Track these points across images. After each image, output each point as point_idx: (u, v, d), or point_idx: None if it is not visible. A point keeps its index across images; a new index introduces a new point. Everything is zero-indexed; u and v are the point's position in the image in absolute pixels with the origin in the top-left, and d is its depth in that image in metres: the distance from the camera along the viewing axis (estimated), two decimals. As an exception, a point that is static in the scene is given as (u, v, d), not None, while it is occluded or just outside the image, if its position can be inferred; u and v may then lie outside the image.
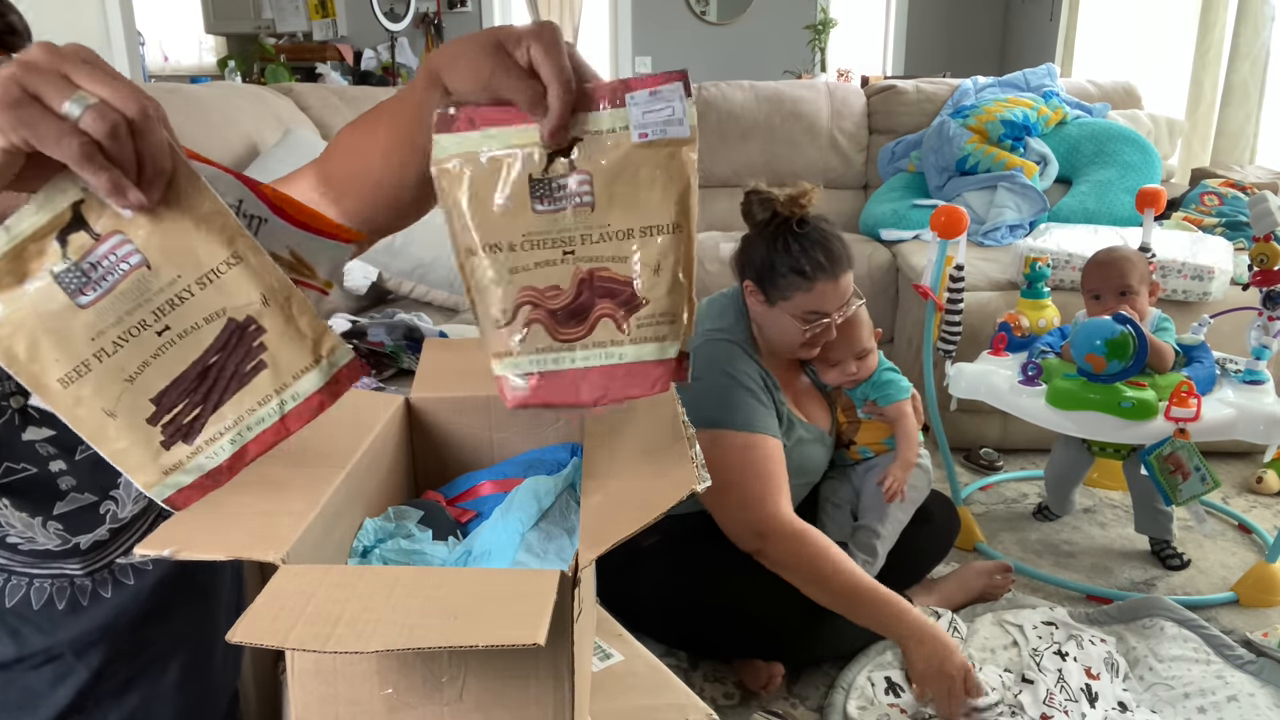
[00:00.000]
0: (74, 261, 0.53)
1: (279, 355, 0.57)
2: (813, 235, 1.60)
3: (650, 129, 0.60)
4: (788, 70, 5.69)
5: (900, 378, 1.84)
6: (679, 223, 0.62)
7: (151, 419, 0.56)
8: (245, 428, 0.57)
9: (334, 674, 0.61)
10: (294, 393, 0.58)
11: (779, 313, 1.64)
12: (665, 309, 0.62)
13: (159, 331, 0.55)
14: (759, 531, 1.56)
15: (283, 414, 0.58)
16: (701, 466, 0.63)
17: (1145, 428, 1.76)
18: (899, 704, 1.58)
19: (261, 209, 0.61)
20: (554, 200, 0.59)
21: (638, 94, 0.59)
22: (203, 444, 0.57)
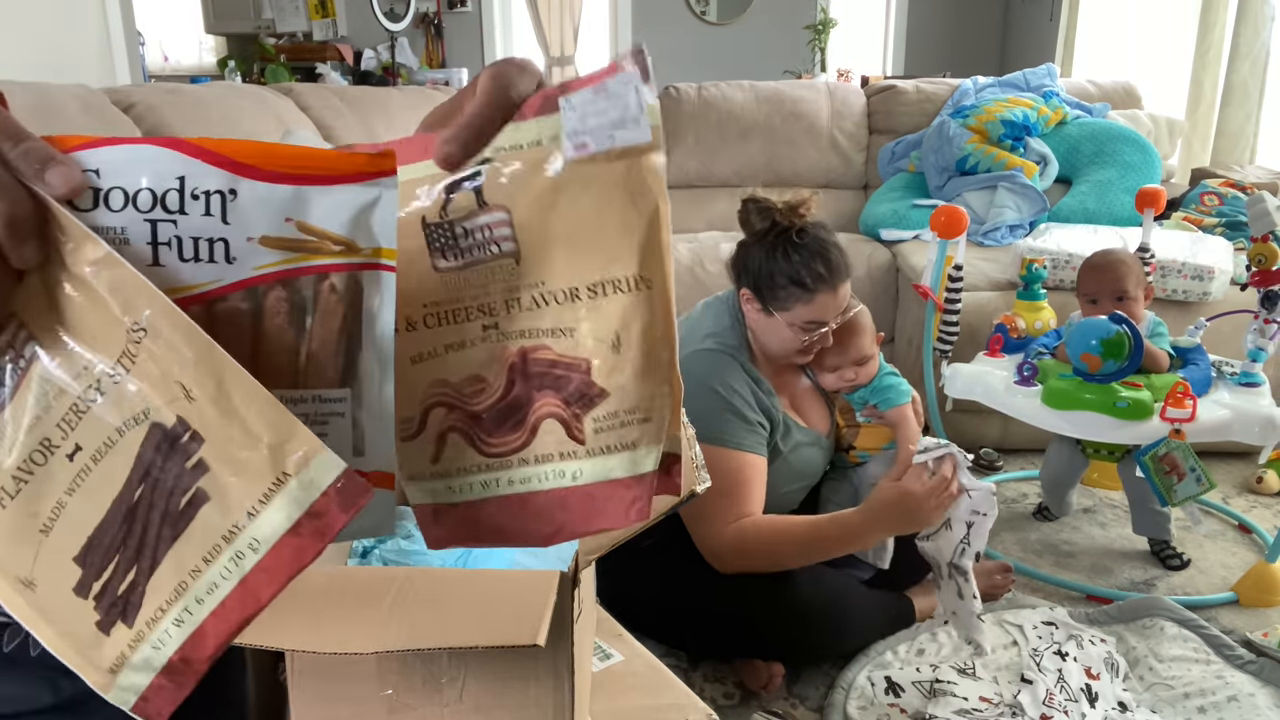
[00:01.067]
0: None
1: (223, 478, 0.37)
2: (812, 245, 1.59)
3: (592, 137, 0.41)
4: (788, 70, 5.69)
5: (901, 381, 1.83)
6: (645, 274, 0.42)
7: (79, 588, 0.38)
8: (194, 599, 0.37)
9: (334, 675, 0.61)
10: (252, 539, 0.37)
11: (776, 322, 1.63)
12: (635, 402, 0.43)
13: (69, 454, 0.38)
14: (715, 554, 1.60)
15: (243, 574, 0.37)
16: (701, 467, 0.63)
17: (1141, 428, 1.76)
18: (899, 704, 1.58)
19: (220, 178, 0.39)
20: (459, 252, 0.42)
21: (575, 95, 0.42)
22: (143, 626, 0.38)
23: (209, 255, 0.39)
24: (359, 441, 0.40)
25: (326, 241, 0.40)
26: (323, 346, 0.40)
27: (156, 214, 0.38)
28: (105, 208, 0.38)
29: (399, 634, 0.51)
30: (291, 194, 0.39)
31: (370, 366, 0.41)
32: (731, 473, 1.59)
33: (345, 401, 0.40)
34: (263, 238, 0.39)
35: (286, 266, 0.39)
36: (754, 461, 1.61)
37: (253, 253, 0.39)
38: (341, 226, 0.40)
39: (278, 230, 0.39)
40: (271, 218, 0.39)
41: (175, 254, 0.38)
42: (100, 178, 0.38)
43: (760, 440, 1.64)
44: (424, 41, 6.35)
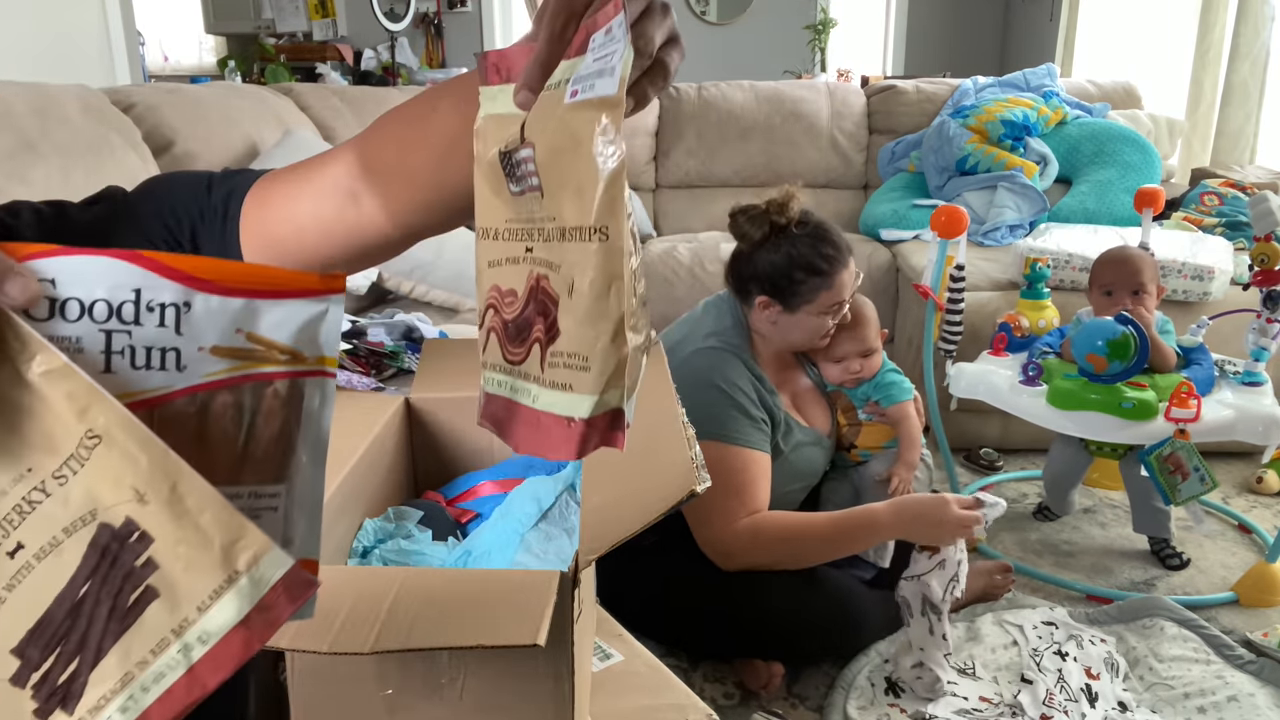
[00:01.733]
0: None
1: (174, 575, 0.38)
2: (814, 231, 1.62)
3: (582, 84, 0.44)
4: (788, 70, 5.69)
5: (903, 379, 1.84)
6: (601, 224, 0.44)
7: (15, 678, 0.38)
8: (140, 687, 0.38)
9: (334, 674, 0.61)
10: (201, 632, 0.38)
11: (800, 316, 1.64)
12: (575, 347, 0.45)
13: (10, 552, 0.38)
14: (724, 552, 1.60)
15: (190, 664, 0.38)
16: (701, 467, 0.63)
17: (1145, 428, 1.76)
18: (899, 704, 1.58)
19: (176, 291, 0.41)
20: (517, 180, 0.46)
21: (598, 35, 0.44)
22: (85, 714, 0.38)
23: (160, 364, 0.41)
24: (289, 532, 0.42)
25: (274, 351, 0.42)
26: (262, 446, 0.42)
27: (112, 324, 0.40)
28: (61, 318, 0.39)
29: (399, 634, 0.51)
30: (243, 306, 0.42)
31: (304, 463, 0.43)
32: (737, 470, 1.59)
33: (279, 496, 0.42)
34: (214, 348, 0.41)
35: (234, 374, 0.42)
36: (759, 458, 1.62)
37: (203, 361, 0.41)
38: (289, 337, 0.42)
39: (228, 340, 0.42)
40: (223, 329, 0.42)
41: (128, 362, 0.40)
42: (56, 287, 0.39)
43: (764, 437, 1.64)
44: (424, 41, 6.35)
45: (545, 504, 0.84)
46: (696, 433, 1.56)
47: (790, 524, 1.60)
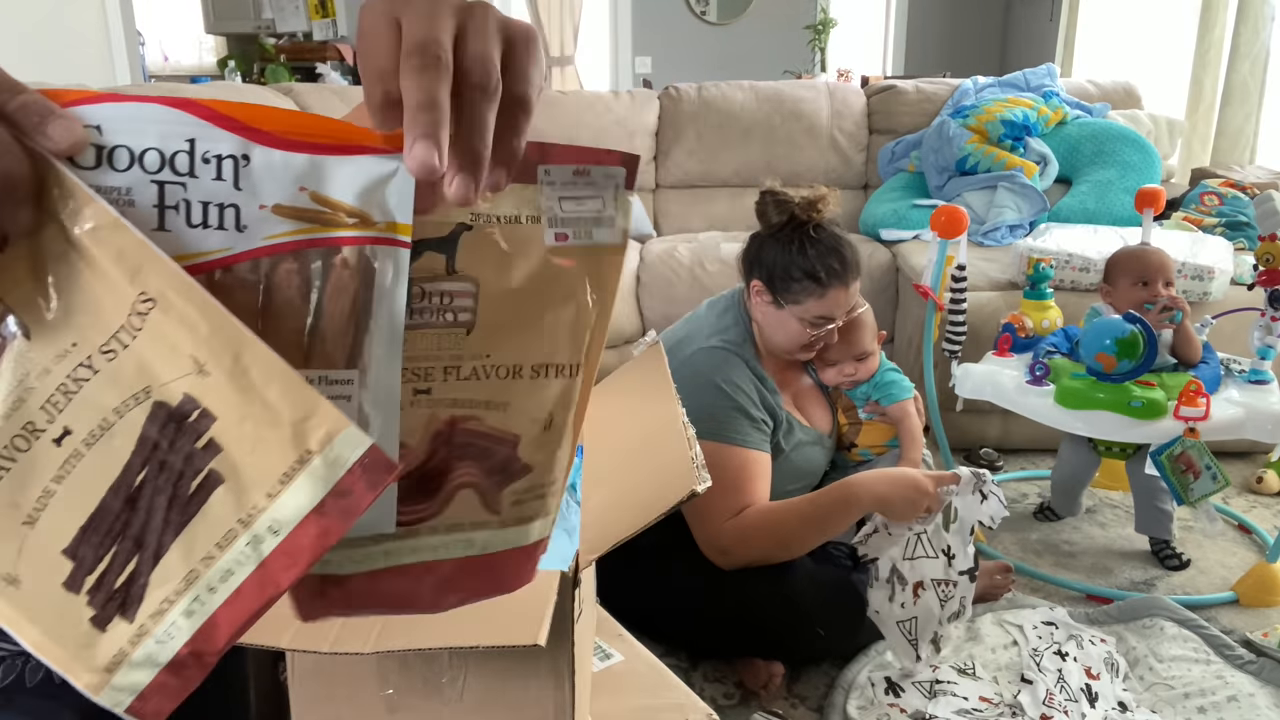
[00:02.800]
0: None
1: (239, 458, 0.34)
2: (828, 241, 1.61)
3: (571, 229, 0.41)
4: (788, 70, 5.69)
5: (902, 378, 1.84)
6: (583, 361, 0.43)
7: (70, 583, 0.35)
8: (206, 588, 0.35)
9: (334, 674, 0.61)
10: (272, 521, 0.34)
11: (786, 315, 1.64)
12: (551, 476, 0.44)
13: (56, 439, 0.34)
14: (720, 549, 1.60)
15: (261, 559, 0.34)
16: (701, 467, 0.63)
17: (1155, 427, 1.76)
18: (899, 704, 1.58)
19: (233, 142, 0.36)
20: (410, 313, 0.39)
21: (555, 169, 0.40)
22: (147, 620, 0.35)
23: (219, 222, 0.36)
24: (364, 428, 0.37)
25: (340, 213, 0.37)
26: (331, 324, 0.37)
27: (165, 175, 0.35)
28: (109, 166, 0.35)
29: (400, 634, 0.52)
30: (306, 162, 0.37)
31: (378, 348, 0.38)
32: (735, 469, 1.59)
33: (352, 384, 0.38)
34: (276, 206, 0.36)
35: (299, 237, 0.37)
36: (758, 458, 1.62)
37: (265, 221, 0.36)
38: (356, 198, 0.37)
39: (291, 199, 0.37)
40: (285, 186, 0.37)
41: (183, 218, 0.36)
42: (102, 134, 0.35)
43: (764, 437, 1.64)
44: (424, 41, 6.35)
45: (545, 504, 0.84)
46: (696, 432, 1.57)
47: (771, 510, 1.60)
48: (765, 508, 1.60)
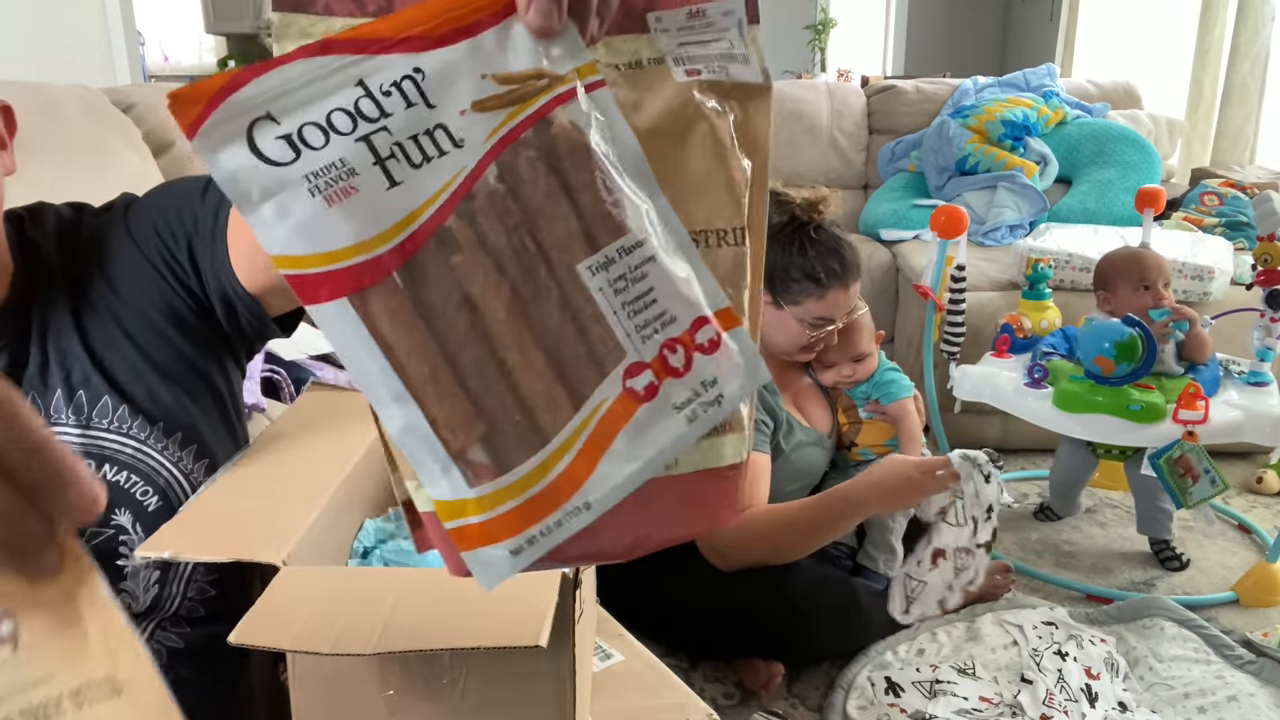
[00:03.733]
0: None
1: None
2: (829, 242, 1.61)
3: (703, 65, 0.37)
4: (788, 70, 5.68)
5: (902, 377, 1.84)
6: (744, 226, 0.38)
7: None
8: None
9: (335, 675, 0.61)
10: None
11: (785, 315, 1.64)
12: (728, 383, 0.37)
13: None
14: (717, 550, 1.60)
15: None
16: (702, 467, 0.63)
17: (1153, 430, 1.76)
18: (899, 704, 1.58)
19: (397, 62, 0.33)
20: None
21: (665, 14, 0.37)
22: None
23: (437, 149, 0.33)
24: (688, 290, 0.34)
25: (530, 81, 0.34)
26: (588, 193, 0.34)
27: (363, 129, 0.32)
28: (309, 148, 0.32)
29: (401, 635, 0.51)
30: (469, 49, 0.34)
31: (641, 195, 0.35)
32: None
33: (645, 244, 0.34)
34: (474, 104, 0.33)
35: (513, 123, 0.34)
36: (757, 459, 1.61)
37: (475, 125, 0.33)
38: (532, 61, 0.34)
39: (481, 91, 0.34)
40: (469, 81, 0.34)
41: (406, 164, 0.33)
42: (279, 120, 0.32)
43: (764, 438, 1.64)
44: (424, 41, 6.35)
45: (546, 504, 0.84)
46: None
47: (771, 512, 1.59)
48: (765, 512, 1.59)
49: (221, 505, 0.66)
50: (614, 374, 0.33)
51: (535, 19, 0.33)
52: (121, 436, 0.78)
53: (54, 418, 0.77)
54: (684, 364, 0.33)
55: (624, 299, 0.33)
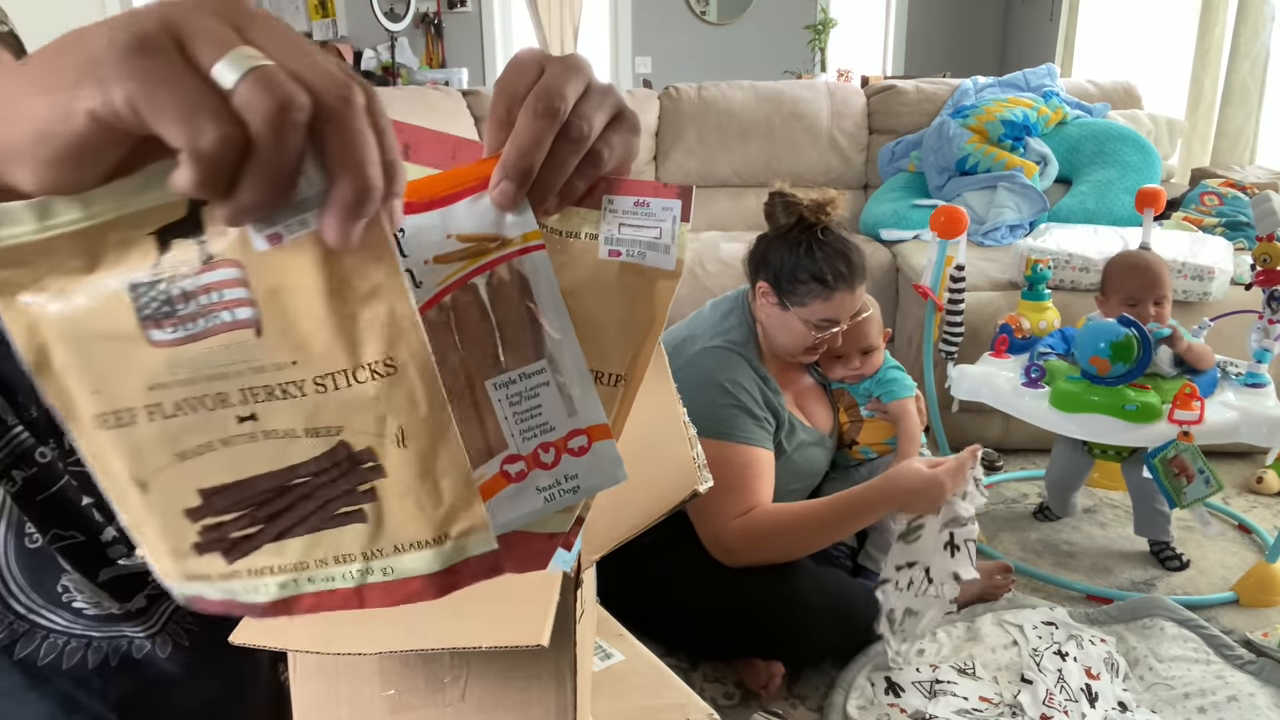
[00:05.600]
0: (164, 278, 0.35)
1: (389, 513, 0.39)
2: (836, 244, 1.61)
3: (625, 248, 0.46)
4: (788, 70, 5.69)
5: (904, 376, 1.84)
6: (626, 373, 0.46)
7: (192, 514, 0.38)
8: (306, 578, 0.39)
9: (336, 675, 0.61)
10: (388, 566, 0.39)
11: (791, 317, 1.64)
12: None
13: (241, 418, 0.37)
14: (725, 548, 1.60)
15: (361, 584, 0.39)
16: (703, 467, 0.63)
17: (1149, 430, 1.76)
18: (899, 704, 1.58)
19: None
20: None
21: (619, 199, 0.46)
22: (243, 570, 0.39)
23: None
24: (569, 404, 0.44)
25: (484, 242, 0.43)
26: (511, 329, 0.43)
27: None
28: None
29: (402, 635, 0.51)
30: (441, 216, 0.43)
31: (554, 335, 0.44)
32: (740, 467, 1.59)
33: (545, 371, 0.44)
34: (436, 257, 0.43)
35: (462, 273, 0.43)
36: (763, 456, 1.62)
37: (433, 273, 0.43)
38: (490, 227, 0.43)
39: (444, 247, 0.43)
40: (437, 239, 0.43)
41: None
42: None
43: (768, 435, 1.64)
44: (424, 41, 6.35)
45: (546, 504, 0.84)
46: (699, 431, 1.57)
47: (785, 512, 1.60)
48: (774, 511, 1.60)
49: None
50: (496, 459, 0.43)
51: (499, 198, 0.42)
52: None
53: None
54: (553, 460, 0.43)
55: (516, 409, 0.43)
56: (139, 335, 0.36)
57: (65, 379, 0.37)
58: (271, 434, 0.37)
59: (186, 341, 0.36)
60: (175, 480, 0.38)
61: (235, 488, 0.38)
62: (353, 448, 0.38)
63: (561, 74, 0.42)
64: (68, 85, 0.30)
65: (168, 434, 0.37)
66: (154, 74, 0.29)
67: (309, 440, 0.37)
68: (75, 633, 0.78)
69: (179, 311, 0.36)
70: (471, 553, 0.39)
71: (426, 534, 0.39)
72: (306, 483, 0.38)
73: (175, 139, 0.30)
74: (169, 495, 0.38)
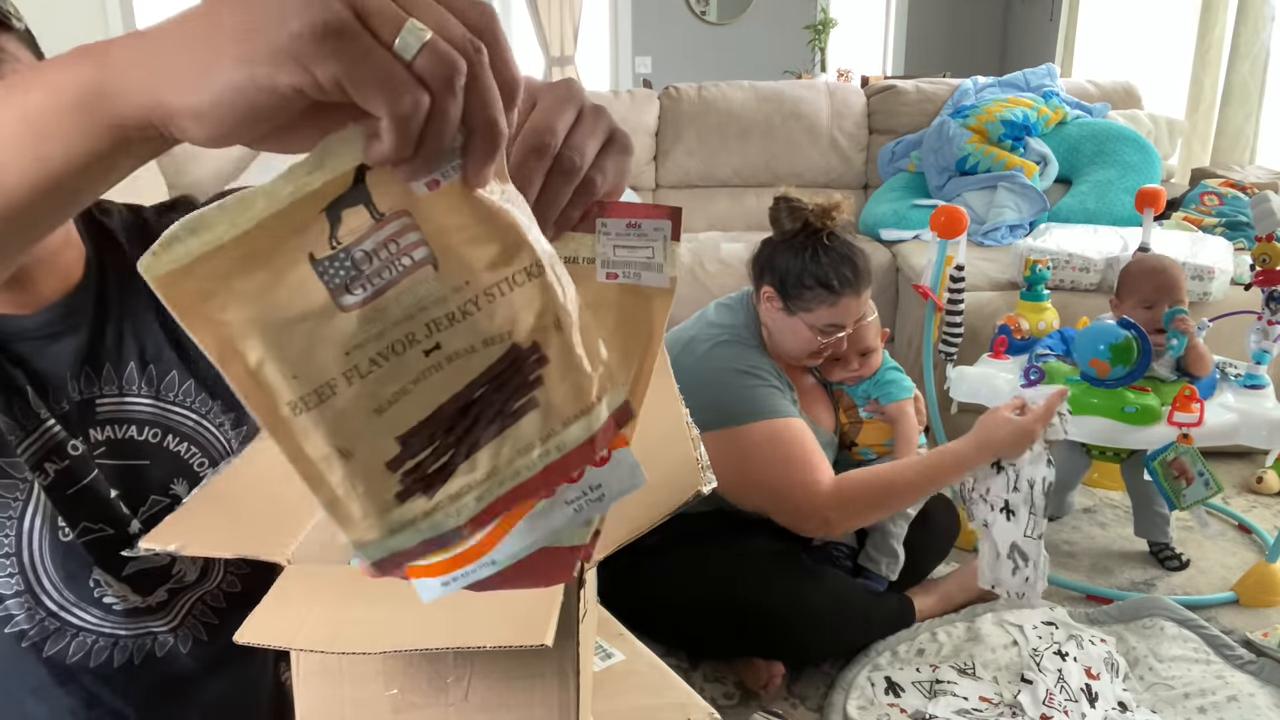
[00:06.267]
0: (344, 246, 0.39)
1: (554, 394, 0.42)
2: (841, 249, 1.61)
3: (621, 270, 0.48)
4: (788, 70, 5.69)
5: (903, 377, 1.84)
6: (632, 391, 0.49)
7: (393, 463, 0.41)
8: (498, 481, 0.42)
9: (340, 674, 0.61)
10: (560, 442, 0.43)
11: (796, 321, 1.64)
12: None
13: (427, 351, 0.40)
14: (823, 519, 1.60)
15: (544, 466, 0.42)
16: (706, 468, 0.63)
17: (1148, 433, 1.76)
18: (899, 704, 1.58)
19: None
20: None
21: (611, 221, 0.48)
22: (444, 499, 0.41)
23: None
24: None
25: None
26: None
27: None
28: None
29: (406, 634, 0.52)
30: None
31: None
32: (792, 441, 1.59)
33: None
34: None
35: None
36: (802, 425, 1.63)
37: None
38: None
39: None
40: None
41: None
42: None
43: (797, 407, 1.66)
44: (424, 41, 6.35)
45: (548, 504, 0.84)
46: (739, 417, 1.58)
47: (876, 482, 1.61)
48: (865, 476, 1.62)
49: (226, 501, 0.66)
50: None
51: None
52: (186, 410, 0.84)
53: (127, 389, 0.82)
54: (579, 475, 0.44)
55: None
56: (331, 306, 0.39)
57: (262, 374, 0.39)
58: (454, 357, 0.41)
59: (376, 296, 0.39)
60: (376, 436, 0.40)
61: (428, 423, 0.41)
62: (522, 345, 0.41)
63: (553, 107, 0.44)
64: (265, 60, 0.34)
65: (365, 392, 0.40)
66: (354, 55, 0.34)
67: (484, 351, 0.41)
68: (104, 631, 0.79)
69: (365, 271, 0.39)
70: (613, 408, 0.44)
71: (581, 404, 0.43)
72: (484, 393, 0.41)
73: (380, 110, 0.34)
74: (372, 453, 0.40)
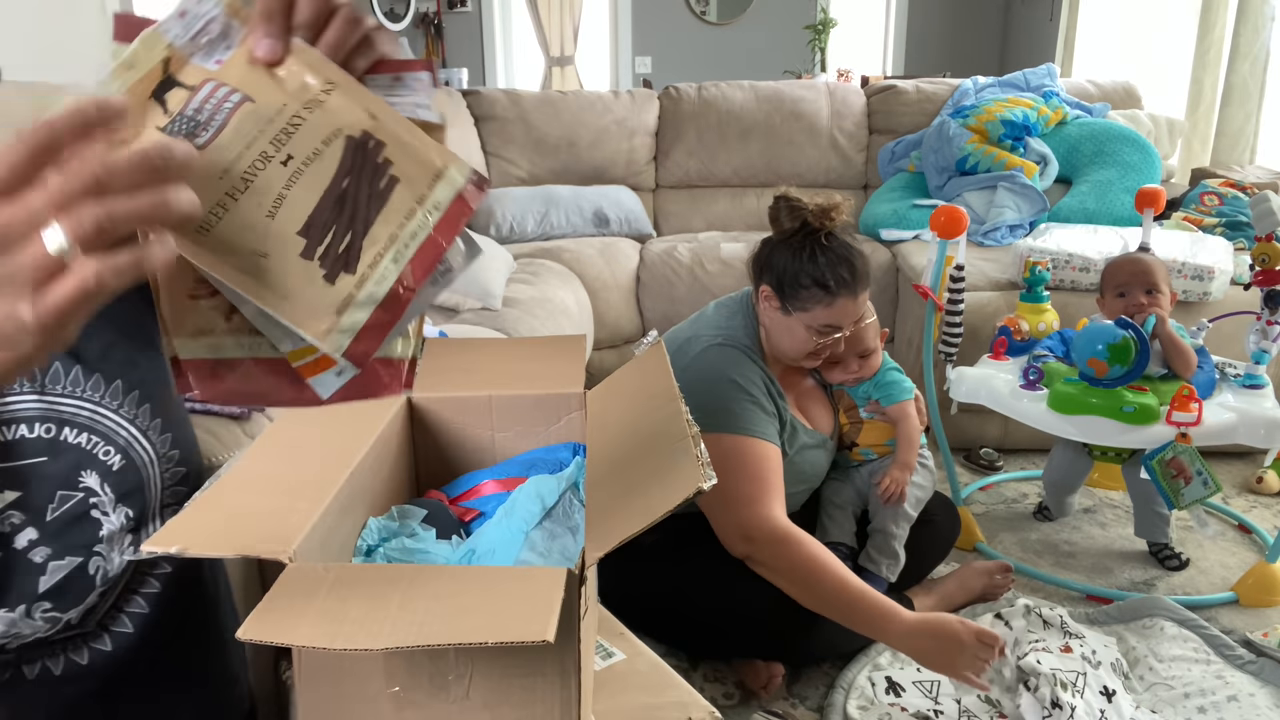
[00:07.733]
0: (177, 112, 0.50)
1: (406, 168, 0.53)
2: (839, 250, 1.61)
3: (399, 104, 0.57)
4: (788, 70, 5.69)
5: (903, 378, 1.84)
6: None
7: (305, 252, 0.50)
8: (402, 244, 0.52)
9: (341, 672, 0.61)
10: (435, 202, 0.53)
11: (793, 321, 1.64)
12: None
13: (283, 162, 0.51)
14: (746, 535, 1.54)
15: (434, 224, 0.53)
16: (706, 465, 0.63)
17: (1147, 432, 1.76)
18: (899, 704, 1.58)
19: None
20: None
21: (378, 77, 0.57)
22: (365, 270, 0.51)
23: None
24: None
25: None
26: None
27: None
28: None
29: (407, 631, 0.52)
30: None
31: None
32: (758, 459, 1.57)
33: None
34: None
35: None
36: (775, 452, 1.61)
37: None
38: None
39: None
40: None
41: None
42: None
43: (776, 432, 1.64)
44: (424, 41, 6.35)
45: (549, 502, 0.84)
46: (714, 425, 1.56)
47: (813, 564, 1.50)
48: (813, 549, 1.51)
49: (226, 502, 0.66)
50: None
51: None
52: (77, 400, 0.77)
53: (7, 389, 0.75)
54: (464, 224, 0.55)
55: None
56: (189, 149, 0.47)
57: None
58: (308, 161, 0.51)
59: (219, 133, 0.50)
60: (279, 237, 0.50)
61: (316, 215, 0.51)
62: (355, 137, 0.52)
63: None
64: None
65: (252, 204, 0.50)
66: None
67: (328, 151, 0.52)
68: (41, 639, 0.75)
69: (201, 120, 0.50)
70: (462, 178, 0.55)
71: (433, 170, 0.54)
72: (349, 183, 0.52)
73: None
74: (283, 249, 0.50)
